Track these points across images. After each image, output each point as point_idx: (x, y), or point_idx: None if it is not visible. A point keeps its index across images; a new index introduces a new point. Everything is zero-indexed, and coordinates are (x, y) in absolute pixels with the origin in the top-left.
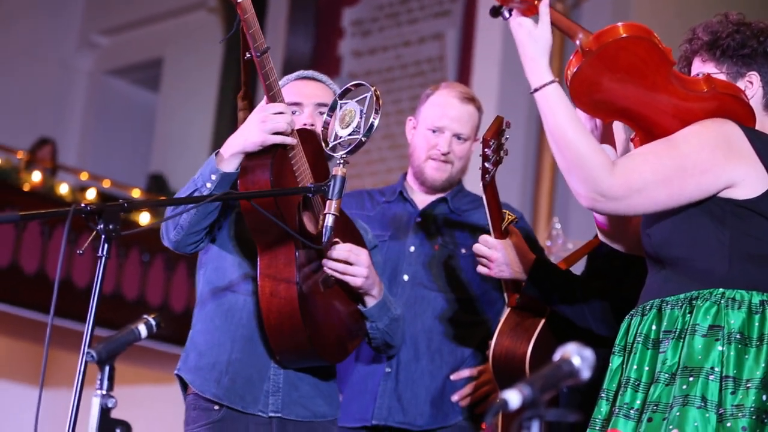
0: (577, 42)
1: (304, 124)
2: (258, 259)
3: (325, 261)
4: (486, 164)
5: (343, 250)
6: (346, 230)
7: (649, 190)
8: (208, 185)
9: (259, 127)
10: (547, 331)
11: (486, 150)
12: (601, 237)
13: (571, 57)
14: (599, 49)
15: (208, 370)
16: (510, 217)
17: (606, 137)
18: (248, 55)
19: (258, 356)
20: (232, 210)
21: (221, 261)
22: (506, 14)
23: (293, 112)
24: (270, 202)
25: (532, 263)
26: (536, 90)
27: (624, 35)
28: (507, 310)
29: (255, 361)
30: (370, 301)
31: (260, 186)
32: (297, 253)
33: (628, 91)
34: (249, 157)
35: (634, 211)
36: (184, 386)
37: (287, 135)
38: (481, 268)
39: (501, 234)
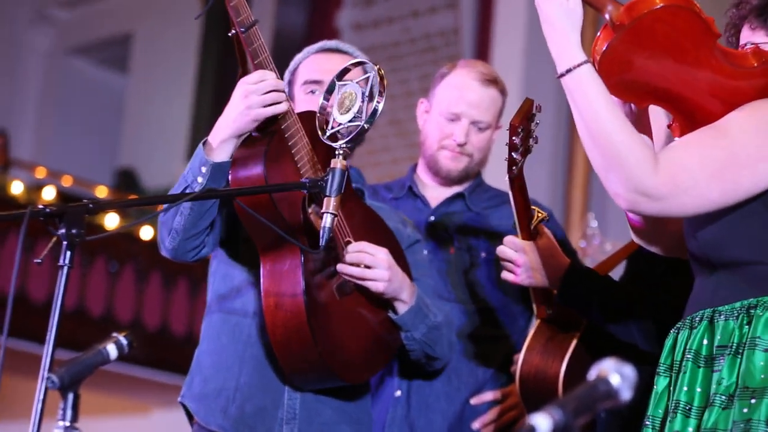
0: (606, 16)
1: None
2: (260, 265)
3: (339, 266)
4: (513, 154)
5: (354, 251)
6: (371, 226)
7: (699, 186)
8: (200, 180)
9: (243, 103)
10: (583, 346)
11: (513, 138)
12: (634, 238)
13: (599, 33)
14: (632, 23)
15: (213, 397)
16: (540, 214)
17: (638, 124)
18: (233, 31)
19: (270, 379)
20: None
21: (230, 268)
22: None
23: (312, 92)
24: (266, 198)
25: (566, 268)
26: (567, 72)
27: (660, 5)
28: (536, 323)
29: (267, 384)
30: (401, 307)
31: (253, 181)
32: (302, 257)
33: (665, 70)
34: (242, 146)
35: (682, 212)
36: (190, 415)
37: (280, 103)
38: (506, 275)
39: (529, 234)
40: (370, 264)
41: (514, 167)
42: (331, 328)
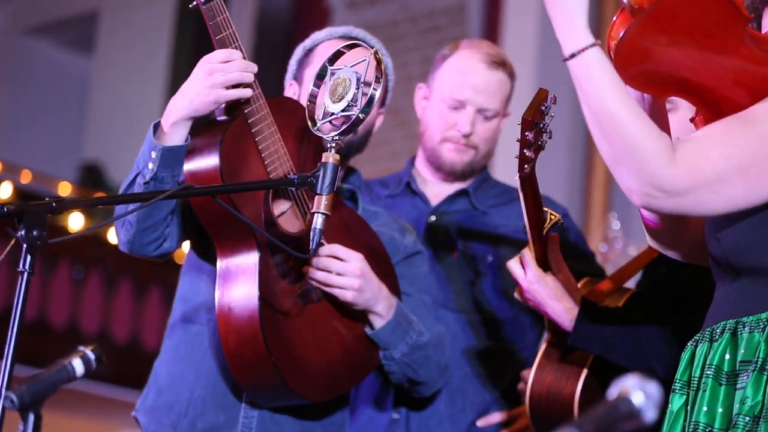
0: None
1: None
2: (217, 265)
3: (305, 268)
4: (525, 151)
5: (324, 254)
6: (351, 230)
7: (721, 182)
8: (150, 166)
9: (205, 82)
10: (601, 364)
11: (527, 134)
12: (650, 242)
13: (615, 18)
14: (653, 6)
15: (165, 410)
16: (553, 217)
17: (655, 118)
18: (194, 2)
19: (227, 394)
20: None
21: (198, 272)
22: None
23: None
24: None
25: (579, 308)
26: (572, 56)
27: None
28: (547, 337)
29: (222, 400)
30: (377, 322)
31: (208, 173)
32: (259, 256)
33: (689, 58)
34: (198, 133)
35: (701, 210)
36: None
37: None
38: (517, 294)
39: (540, 240)
40: (340, 270)
41: (526, 165)
42: (291, 339)
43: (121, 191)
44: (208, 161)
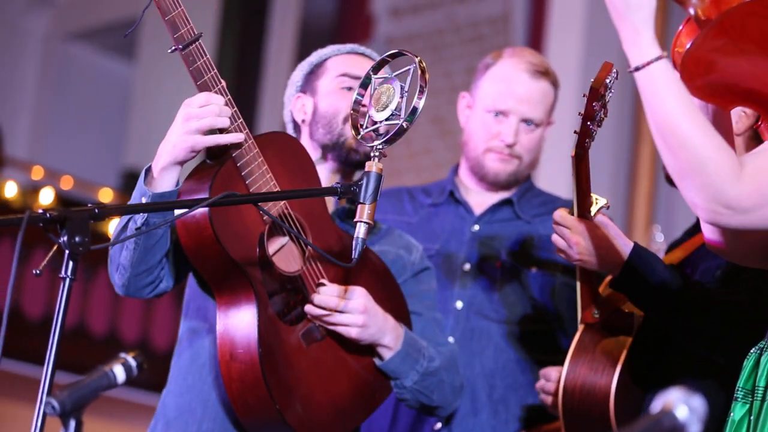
0: (690, 10)
1: None
2: (216, 315)
3: (307, 307)
4: (589, 124)
5: (326, 294)
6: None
7: None
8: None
9: (182, 128)
10: (638, 354)
11: (594, 104)
12: (708, 246)
13: (681, 27)
14: (721, 17)
15: None
16: (599, 200)
17: (717, 127)
18: (173, 47)
19: (234, 427)
20: None
21: (204, 300)
22: None
23: (349, 88)
24: (209, 234)
25: (631, 249)
26: (638, 68)
27: None
28: (580, 329)
29: None
30: (386, 353)
31: (197, 220)
32: (257, 298)
33: (757, 68)
34: (189, 177)
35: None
36: None
37: (228, 132)
38: (557, 246)
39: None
40: (342, 309)
41: (587, 140)
42: (295, 381)
43: (113, 237)
44: (197, 209)
